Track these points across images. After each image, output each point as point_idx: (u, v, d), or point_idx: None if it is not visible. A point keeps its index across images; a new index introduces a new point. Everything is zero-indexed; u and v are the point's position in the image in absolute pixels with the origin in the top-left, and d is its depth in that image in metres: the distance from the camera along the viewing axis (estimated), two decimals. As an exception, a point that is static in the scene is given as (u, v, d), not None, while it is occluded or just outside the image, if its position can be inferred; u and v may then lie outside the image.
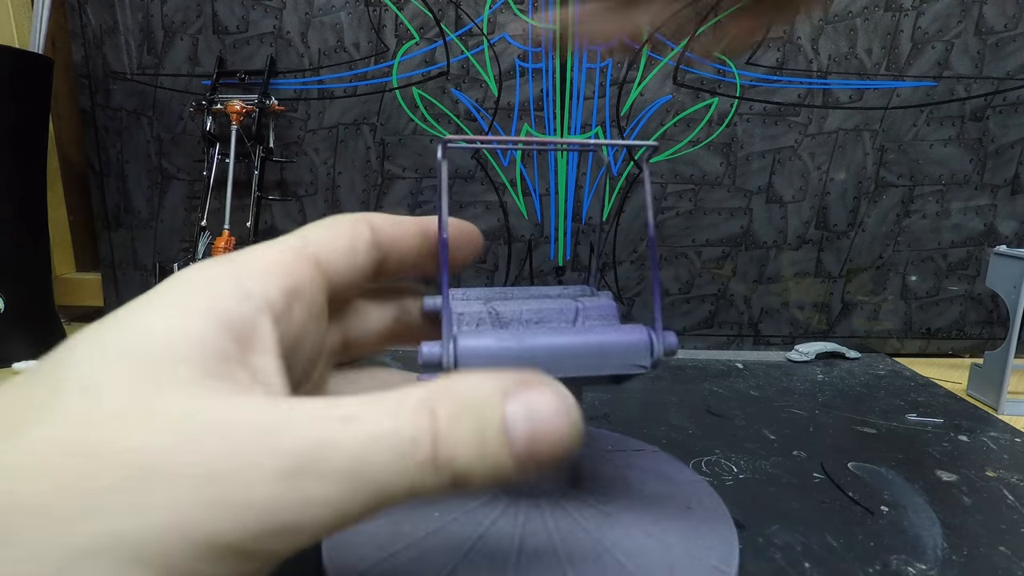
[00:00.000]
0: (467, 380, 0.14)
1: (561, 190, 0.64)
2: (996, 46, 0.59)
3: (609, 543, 0.22)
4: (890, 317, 0.65)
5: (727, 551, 0.23)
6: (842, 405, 0.44)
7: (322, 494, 0.12)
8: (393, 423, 0.13)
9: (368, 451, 0.13)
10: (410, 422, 0.13)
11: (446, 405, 0.14)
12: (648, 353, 0.21)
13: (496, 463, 0.14)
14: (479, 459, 0.13)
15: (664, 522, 0.24)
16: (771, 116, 0.61)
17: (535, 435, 0.14)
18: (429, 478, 0.13)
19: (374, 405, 0.13)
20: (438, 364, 0.20)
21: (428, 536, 0.22)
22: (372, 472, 0.13)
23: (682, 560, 0.22)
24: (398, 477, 0.13)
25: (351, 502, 0.13)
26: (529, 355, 0.20)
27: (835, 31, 0.60)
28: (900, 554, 0.26)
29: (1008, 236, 0.63)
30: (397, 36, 0.61)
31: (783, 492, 0.31)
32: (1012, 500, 0.31)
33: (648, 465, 0.30)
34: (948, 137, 0.61)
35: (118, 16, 0.61)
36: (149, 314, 0.14)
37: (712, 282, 0.65)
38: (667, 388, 0.46)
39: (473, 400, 0.14)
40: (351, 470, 0.13)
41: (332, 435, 0.13)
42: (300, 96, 0.63)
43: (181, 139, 0.64)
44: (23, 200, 0.54)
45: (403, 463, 0.13)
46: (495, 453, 0.14)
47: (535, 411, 0.14)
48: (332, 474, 0.12)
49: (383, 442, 0.13)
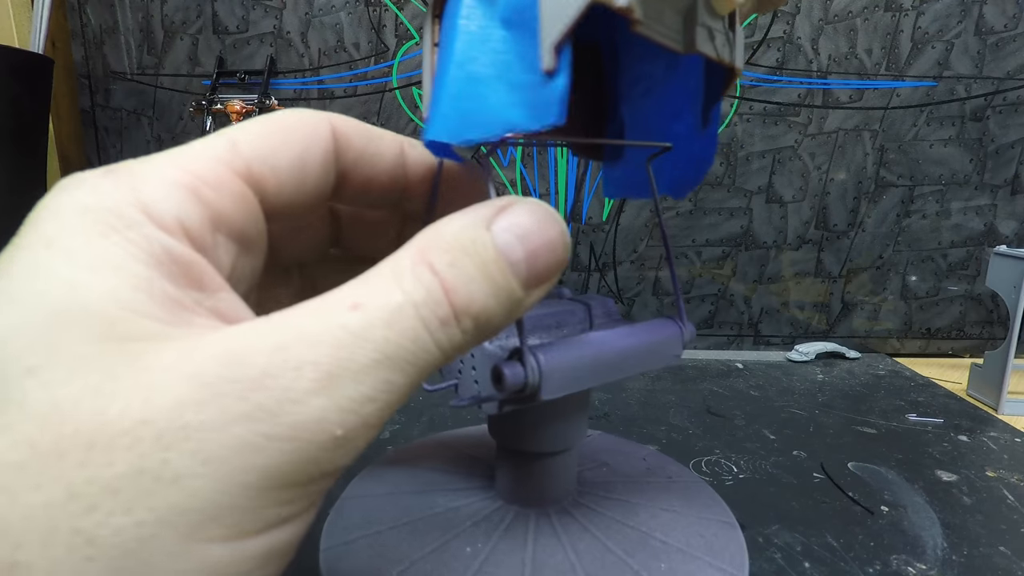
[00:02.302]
0: (449, 225, 0.14)
1: (561, 190, 0.64)
2: (996, 46, 0.59)
3: (644, 527, 0.23)
4: (890, 317, 0.65)
5: (721, 507, 0.25)
6: (842, 405, 0.44)
7: (366, 391, 0.12)
8: (402, 294, 0.12)
9: (393, 332, 0.12)
10: (417, 286, 0.12)
11: (440, 256, 0.13)
12: (681, 343, 0.22)
13: (508, 293, 0.13)
14: (493, 296, 0.13)
15: (665, 495, 0.25)
16: (771, 116, 0.61)
17: (531, 252, 0.14)
18: (457, 333, 0.13)
19: (372, 284, 0.12)
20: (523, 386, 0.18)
21: (432, 553, 0.22)
22: (403, 350, 0.12)
23: (702, 524, 0.23)
24: (429, 343, 0.12)
25: (393, 387, 0.12)
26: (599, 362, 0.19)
27: (835, 31, 0.60)
28: (900, 554, 0.26)
29: (1008, 236, 0.63)
30: (397, 36, 0.61)
31: (783, 492, 0.31)
32: (1012, 500, 0.31)
33: (609, 448, 0.30)
34: (948, 137, 0.61)
35: (118, 16, 0.61)
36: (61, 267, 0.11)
37: (712, 282, 0.65)
38: (667, 388, 0.46)
39: (464, 241, 0.13)
40: (383, 356, 0.12)
41: (348, 329, 0.12)
42: (300, 96, 0.63)
43: (181, 139, 0.64)
44: (23, 200, 0.54)
45: (428, 329, 0.12)
46: (504, 284, 0.13)
47: (522, 230, 0.14)
48: (364, 370, 0.12)
49: (402, 316, 0.12)
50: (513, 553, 0.21)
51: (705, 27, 0.17)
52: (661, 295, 0.66)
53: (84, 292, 0.11)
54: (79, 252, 0.11)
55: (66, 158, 0.67)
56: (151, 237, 0.12)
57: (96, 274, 0.11)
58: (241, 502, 0.10)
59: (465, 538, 0.22)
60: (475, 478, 0.26)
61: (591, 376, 0.19)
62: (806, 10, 0.59)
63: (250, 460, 0.10)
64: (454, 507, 0.24)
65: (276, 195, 0.15)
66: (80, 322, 0.11)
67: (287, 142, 0.15)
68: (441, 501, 0.25)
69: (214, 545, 0.10)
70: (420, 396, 0.42)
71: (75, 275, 0.11)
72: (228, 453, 0.10)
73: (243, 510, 0.10)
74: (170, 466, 0.10)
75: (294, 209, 0.16)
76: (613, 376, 0.20)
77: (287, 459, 0.11)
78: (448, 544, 0.22)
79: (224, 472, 0.10)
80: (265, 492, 0.11)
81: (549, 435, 0.23)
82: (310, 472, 0.11)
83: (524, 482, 0.24)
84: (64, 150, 0.67)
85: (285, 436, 0.11)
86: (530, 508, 0.24)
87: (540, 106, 0.15)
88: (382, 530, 0.23)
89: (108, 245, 0.12)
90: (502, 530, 0.23)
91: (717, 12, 0.17)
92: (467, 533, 0.23)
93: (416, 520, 0.23)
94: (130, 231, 0.12)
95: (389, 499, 0.25)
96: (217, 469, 0.10)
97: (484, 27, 0.16)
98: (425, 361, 0.12)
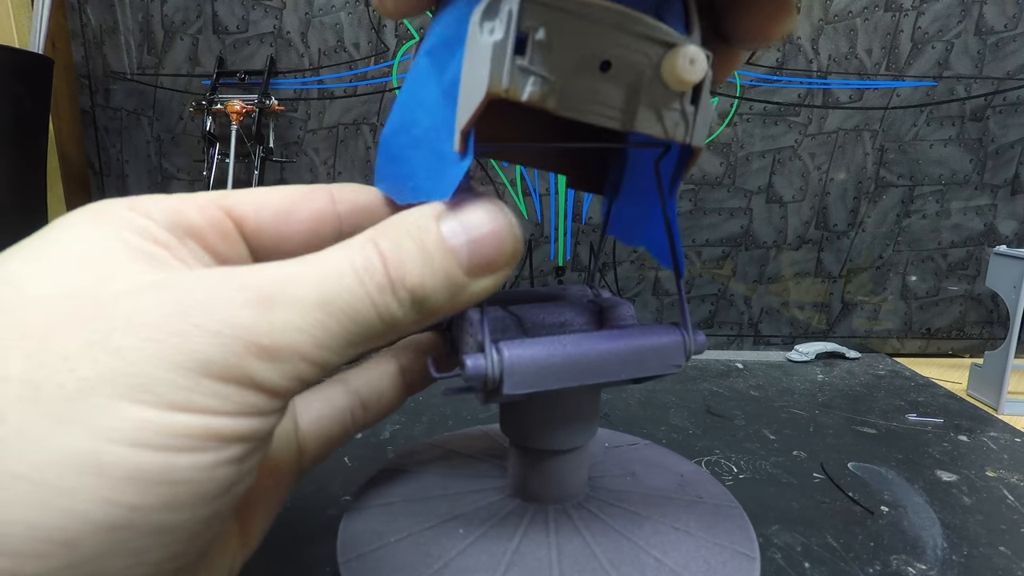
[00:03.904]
0: (403, 215, 0.15)
1: (561, 190, 0.64)
2: (996, 46, 0.59)
3: (642, 541, 0.22)
4: (890, 317, 0.65)
5: (746, 536, 0.24)
6: (842, 405, 0.44)
7: (296, 320, 0.13)
8: (345, 257, 0.14)
9: (330, 280, 0.14)
10: (359, 253, 0.14)
11: (387, 235, 0.15)
12: (683, 353, 0.21)
13: (446, 274, 0.15)
14: (430, 274, 0.14)
15: (683, 514, 0.24)
16: (771, 116, 0.61)
17: (474, 239, 0.15)
18: (392, 302, 0.14)
19: (327, 250, 0.14)
20: (483, 378, 0.18)
21: (460, 554, 0.22)
22: (338, 299, 0.13)
23: (712, 550, 0.22)
24: (363, 302, 0.14)
25: (326, 330, 0.13)
26: (574, 363, 0.19)
27: (835, 31, 0.60)
28: (900, 554, 0.26)
29: (1008, 236, 0.63)
30: (397, 36, 0.61)
31: (783, 492, 0.31)
32: (1012, 500, 0.31)
33: (649, 459, 0.30)
34: (948, 137, 0.61)
35: (118, 16, 0.61)
36: (62, 241, 0.14)
37: (712, 282, 0.65)
38: (667, 388, 0.46)
39: (409, 226, 0.15)
40: (318, 299, 0.13)
41: (292, 271, 0.14)
42: (300, 96, 0.63)
43: (181, 139, 0.64)
44: (23, 200, 0.54)
45: (363, 287, 0.14)
46: (442, 265, 0.15)
47: (469, 221, 0.15)
48: (300, 301, 0.13)
49: (340, 271, 0.14)
50: (538, 548, 0.22)
51: (651, 105, 0.16)
52: (661, 295, 0.66)
53: (78, 244, 0.14)
54: (79, 226, 0.14)
55: (66, 158, 0.67)
56: (135, 221, 0.15)
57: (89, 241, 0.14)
58: (171, 377, 0.12)
59: (491, 537, 0.22)
60: (483, 479, 0.26)
61: (565, 376, 0.19)
62: (806, 10, 0.59)
63: (183, 343, 0.12)
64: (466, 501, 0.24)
65: (256, 234, 0.17)
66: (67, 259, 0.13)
67: (274, 196, 0.18)
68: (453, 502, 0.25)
69: (141, 407, 0.12)
70: (420, 396, 0.42)
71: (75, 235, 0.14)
72: (164, 335, 0.12)
73: (172, 385, 0.12)
74: (114, 339, 0.12)
75: (285, 255, 0.18)
76: (594, 379, 0.19)
77: (215, 351, 0.12)
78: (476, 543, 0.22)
79: (158, 349, 0.12)
80: (193, 375, 0.12)
81: (550, 433, 0.23)
82: (236, 370, 0.12)
83: (529, 479, 0.24)
84: (64, 150, 0.67)
85: (214, 329, 0.12)
86: (530, 504, 0.24)
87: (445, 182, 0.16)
88: (401, 538, 0.23)
89: (101, 223, 0.14)
90: (524, 527, 0.23)
91: (672, 88, 0.16)
92: (490, 534, 0.23)
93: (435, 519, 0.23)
94: (119, 217, 0.15)
95: (404, 505, 0.25)
96: (154, 346, 0.12)
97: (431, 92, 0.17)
98: (362, 317, 0.14)
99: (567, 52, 0.14)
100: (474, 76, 0.14)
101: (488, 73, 0.14)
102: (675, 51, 0.15)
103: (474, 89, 0.14)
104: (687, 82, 0.15)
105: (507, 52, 0.14)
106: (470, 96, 0.14)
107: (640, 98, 0.15)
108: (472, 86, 0.14)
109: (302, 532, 0.26)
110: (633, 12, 0.14)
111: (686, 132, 0.16)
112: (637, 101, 0.15)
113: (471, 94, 0.14)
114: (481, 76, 0.14)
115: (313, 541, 0.25)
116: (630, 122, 0.16)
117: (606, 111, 0.15)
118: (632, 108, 0.15)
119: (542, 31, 0.14)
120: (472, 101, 0.14)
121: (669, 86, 0.15)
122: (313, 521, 0.26)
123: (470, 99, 0.14)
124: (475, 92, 0.14)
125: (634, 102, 0.15)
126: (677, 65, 0.15)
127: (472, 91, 0.14)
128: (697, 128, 0.17)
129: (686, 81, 0.15)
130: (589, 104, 0.15)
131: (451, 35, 0.16)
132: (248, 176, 0.61)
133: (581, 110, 0.15)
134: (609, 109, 0.15)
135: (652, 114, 0.16)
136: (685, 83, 0.15)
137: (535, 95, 0.14)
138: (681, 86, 0.15)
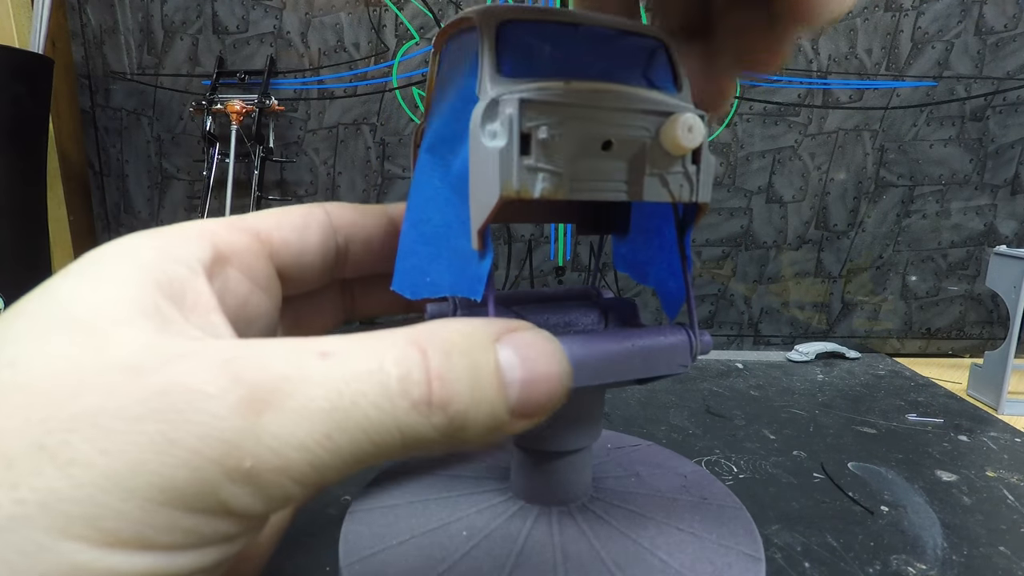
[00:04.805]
0: (454, 324, 0.13)
1: (561, 190, 0.64)
2: (996, 46, 0.59)
3: (647, 543, 0.22)
4: (890, 317, 0.65)
5: (751, 537, 0.24)
6: (842, 405, 0.44)
7: (294, 434, 0.10)
8: (379, 360, 0.11)
9: (351, 387, 0.11)
10: (398, 359, 0.12)
11: (436, 344, 0.12)
12: (689, 353, 0.21)
13: (492, 409, 0.12)
14: (475, 404, 0.12)
15: (688, 515, 0.24)
16: (771, 116, 0.61)
17: (529, 381, 0.13)
18: (422, 422, 0.11)
19: (357, 341, 0.12)
20: None
21: (465, 557, 0.22)
22: (355, 412, 0.11)
23: (717, 551, 0.22)
24: (387, 419, 0.11)
25: (330, 447, 0.11)
26: (580, 363, 0.19)
27: (835, 31, 0.60)
28: (900, 554, 0.26)
29: (1008, 236, 0.63)
30: (397, 36, 0.61)
31: (783, 492, 0.31)
32: (1012, 500, 0.31)
33: (652, 460, 0.30)
34: (948, 137, 0.61)
35: (118, 16, 0.61)
36: (76, 285, 0.13)
37: (712, 282, 0.65)
38: (667, 388, 0.46)
39: (465, 342, 0.12)
40: (330, 408, 0.11)
41: (306, 367, 0.11)
42: (300, 96, 0.63)
43: (181, 139, 0.64)
44: (23, 200, 0.54)
45: (392, 403, 0.11)
46: (491, 399, 0.12)
47: (528, 356, 0.13)
48: (304, 411, 0.11)
49: (369, 378, 0.11)
50: (543, 551, 0.22)
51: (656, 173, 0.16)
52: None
53: (75, 304, 0.12)
54: (90, 273, 0.13)
55: (66, 158, 0.67)
56: (155, 265, 0.13)
57: (95, 291, 0.12)
58: (122, 508, 0.10)
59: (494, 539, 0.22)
60: (486, 480, 0.26)
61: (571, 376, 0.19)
62: (806, 10, 0.59)
63: (145, 463, 0.10)
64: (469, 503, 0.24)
65: (283, 248, 0.18)
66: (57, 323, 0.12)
67: (287, 214, 0.18)
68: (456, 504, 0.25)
69: (80, 545, 0.10)
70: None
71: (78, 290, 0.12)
72: (127, 447, 0.10)
73: (123, 518, 0.10)
74: (68, 448, 0.10)
75: (304, 268, 0.18)
76: (600, 379, 0.19)
77: (183, 474, 0.10)
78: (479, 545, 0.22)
79: (115, 469, 0.10)
80: (151, 504, 0.10)
81: (555, 434, 0.23)
82: (206, 499, 0.10)
83: (533, 481, 0.24)
84: (64, 150, 0.67)
85: (188, 446, 0.10)
86: (534, 506, 0.24)
87: (471, 280, 0.16)
88: (403, 541, 0.23)
89: (118, 270, 0.13)
90: (527, 530, 0.23)
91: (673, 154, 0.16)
92: (493, 537, 0.23)
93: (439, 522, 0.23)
94: (140, 260, 0.13)
95: (406, 508, 0.25)
96: (110, 463, 0.10)
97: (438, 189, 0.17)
98: (380, 437, 0.11)
99: (569, 141, 0.15)
100: (483, 178, 0.14)
101: (498, 178, 0.14)
102: (672, 121, 0.15)
103: (485, 191, 0.14)
104: (687, 149, 0.15)
105: (513, 156, 0.14)
106: (482, 198, 0.15)
107: (644, 169, 0.16)
108: (482, 188, 0.14)
109: (302, 532, 0.26)
110: (626, 89, 0.15)
111: (692, 192, 0.17)
112: (641, 172, 0.16)
113: (482, 196, 0.14)
114: (491, 180, 0.14)
115: (313, 541, 0.25)
116: (638, 193, 0.16)
117: (613, 186, 0.16)
118: (637, 179, 0.16)
119: (544, 129, 0.14)
120: (485, 203, 0.14)
121: (670, 152, 0.16)
122: (313, 521, 0.26)
123: (482, 201, 0.15)
124: (487, 194, 0.14)
125: (639, 174, 0.16)
126: (676, 135, 0.15)
127: (483, 193, 0.14)
128: (702, 186, 0.17)
129: (686, 148, 0.15)
130: (596, 184, 0.15)
131: (450, 133, 0.17)
132: (248, 176, 0.61)
133: (590, 191, 0.15)
134: (616, 184, 0.16)
135: (657, 181, 0.16)
136: (685, 150, 0.16)
137: (547, 191, 0.14)
138: (681, 152, 0.16)
